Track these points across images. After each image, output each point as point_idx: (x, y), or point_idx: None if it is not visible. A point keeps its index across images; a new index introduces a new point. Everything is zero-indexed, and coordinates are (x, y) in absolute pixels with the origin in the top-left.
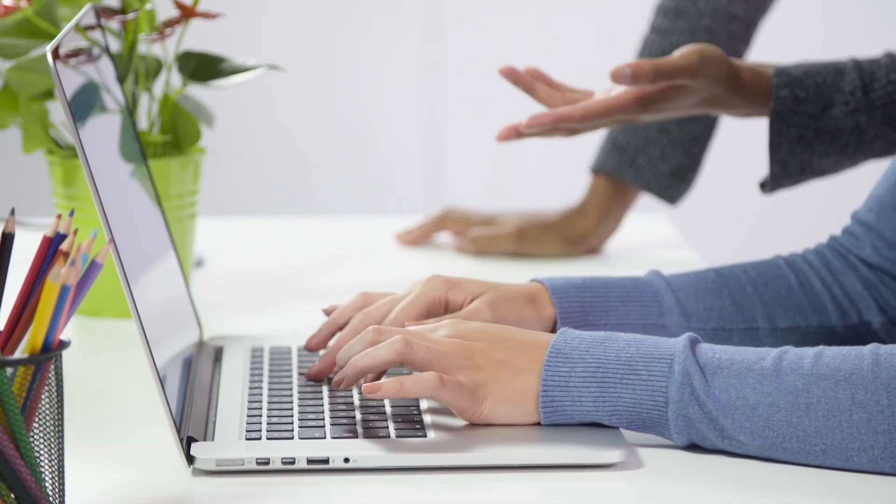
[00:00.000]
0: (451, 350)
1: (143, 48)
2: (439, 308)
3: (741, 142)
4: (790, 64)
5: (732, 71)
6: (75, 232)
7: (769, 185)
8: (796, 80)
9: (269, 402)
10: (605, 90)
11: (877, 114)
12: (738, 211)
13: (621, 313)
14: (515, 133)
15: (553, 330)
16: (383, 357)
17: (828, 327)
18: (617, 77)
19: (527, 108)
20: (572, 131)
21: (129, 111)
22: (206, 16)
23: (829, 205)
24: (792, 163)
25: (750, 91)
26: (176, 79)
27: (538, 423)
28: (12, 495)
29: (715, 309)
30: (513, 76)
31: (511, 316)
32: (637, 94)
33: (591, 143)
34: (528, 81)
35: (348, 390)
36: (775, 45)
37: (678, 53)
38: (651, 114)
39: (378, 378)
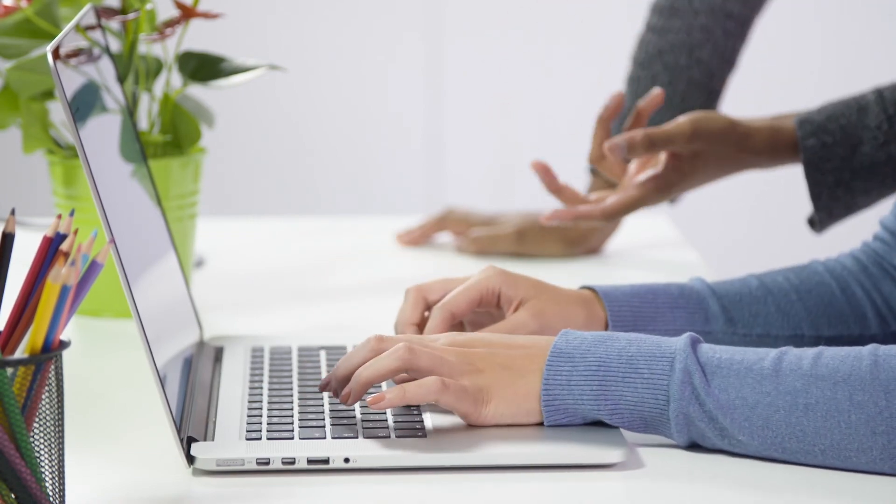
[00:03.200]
0: (454, 356)
1: (143, 48)
2: (492, 299)
3: None
4: (812, 110)
5: (742, 134)
6: (75, 232)
7: (818, 227)
8: (821, 127)
9: (269, 402)
10: (628, 176)
11: None
12: (738, 211)
13: (668, 319)
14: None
15: None
16: (388, 365)
17: (868, 336)
18: (613, 150)
19: (526, 109)
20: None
21: (130, 111)
22: (207, 16)
23: None
24: (836, 206)
25: (769, 149)
26: (176, 79)
27: (540, 423)
28: (13, 495)
29: (760, 315)
30: (544, 174)
31: (558, 323)
32: (655, 185)
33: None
34: (554, 184)
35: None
36: (771, 42)
37: (671, 122)
38: (675, 193)
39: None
